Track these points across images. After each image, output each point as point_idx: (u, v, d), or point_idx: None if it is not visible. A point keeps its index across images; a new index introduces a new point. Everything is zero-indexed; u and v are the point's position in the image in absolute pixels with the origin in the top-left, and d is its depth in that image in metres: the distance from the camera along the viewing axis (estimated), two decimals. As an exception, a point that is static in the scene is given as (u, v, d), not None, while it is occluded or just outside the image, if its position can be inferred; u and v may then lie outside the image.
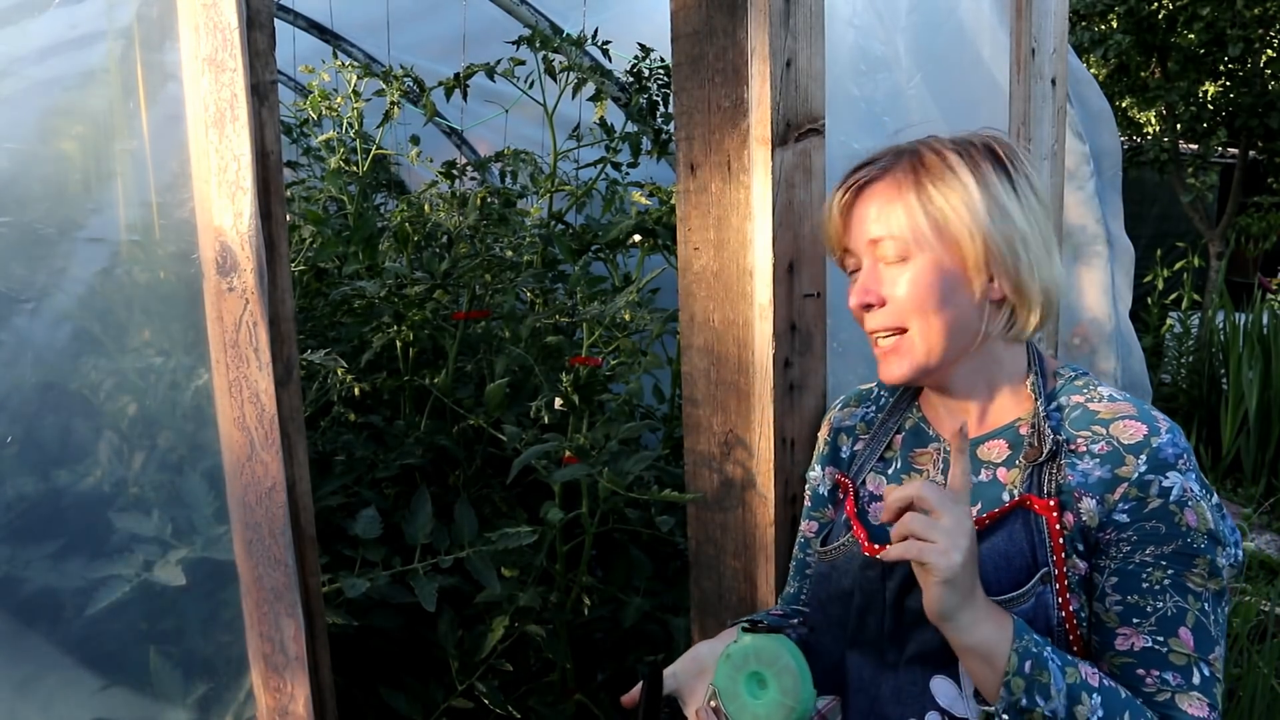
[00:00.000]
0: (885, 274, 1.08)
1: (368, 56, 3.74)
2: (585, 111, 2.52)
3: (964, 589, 0.95)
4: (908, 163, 1.07)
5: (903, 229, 1.05)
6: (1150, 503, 0.99)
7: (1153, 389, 3.12)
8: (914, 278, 1.06)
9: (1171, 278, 6.63)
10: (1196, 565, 0.99)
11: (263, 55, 1.17)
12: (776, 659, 1.06)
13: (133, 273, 1.28)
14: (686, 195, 1.55)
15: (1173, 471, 0.99)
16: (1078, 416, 1.06)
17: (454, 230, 2.30)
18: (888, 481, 1.16)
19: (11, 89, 1.25)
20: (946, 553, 0.93)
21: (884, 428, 1.20)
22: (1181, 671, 0.97)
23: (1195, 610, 0.98)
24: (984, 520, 1.04)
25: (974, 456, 1.10)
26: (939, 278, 1.05)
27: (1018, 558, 1.02)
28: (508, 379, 2.04)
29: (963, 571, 0.94)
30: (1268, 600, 3.16)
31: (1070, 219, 2.47)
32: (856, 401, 1.29)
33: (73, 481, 1.27)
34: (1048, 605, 1.01)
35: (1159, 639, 0.98)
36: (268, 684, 1.25)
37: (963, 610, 0.95)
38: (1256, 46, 6.14)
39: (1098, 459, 1.02)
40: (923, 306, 1.06)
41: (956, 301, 1.06)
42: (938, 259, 1.05)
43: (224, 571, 1.27)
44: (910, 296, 1.06)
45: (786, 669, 1.05)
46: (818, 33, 1.45)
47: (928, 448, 1.15)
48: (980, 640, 0.95)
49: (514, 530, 1.66)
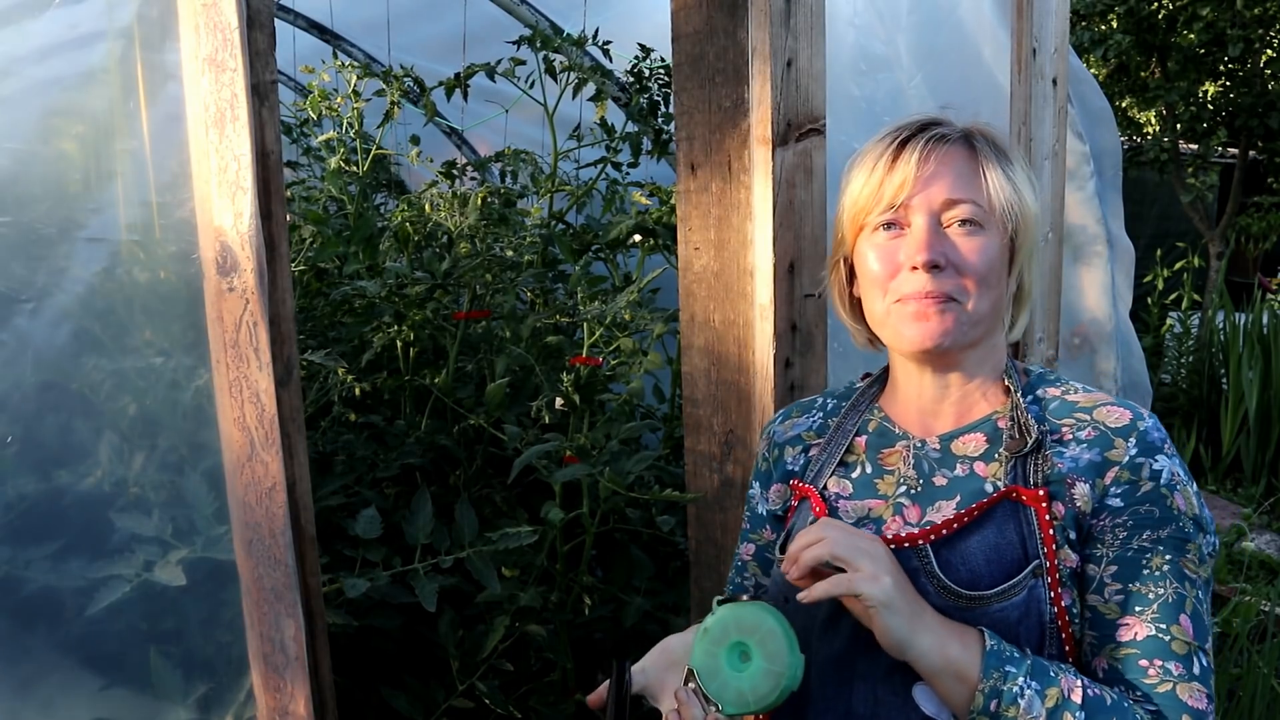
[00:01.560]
0: (955, 238, 1.04)
1: (368, 56, 3.74)
2: (585, 111, 2.52)
3: (907, 611, 0.94)
4: (980, 135, 1.07)
5: (986, 198, 1.04)
6: (1143, 485, 0.98)
7: (1153, 389, 3.12)
8: (986, 248, 1.03)
9: (1171, 278, 6.62)
10: (1189, 551, 0.98)
11: (263, 55, 1.17)
12: (759, 625, 0.98)
13: (133, 273, 1.28)
14: (687, 195, 1.55)
15: (1161, 455, 0.99)
16: (1057, 407, 1.05)
17: (454, 230, 2.30)
18: (854, 485, 1.12)
19: (11, 89, 1.25)
20: (876, 577, 0.93)
21: (841, 431, 1.16)
22: (1183, 661, 0.96)
23: (1191, 597, 0.97)
24: (972, 512, 1.02)
25: (949, 452, 1.08)
26: (1000, 255, 1.05)
27: (1008, 550, 1.00)
28: (508, 379, 2.04)
29: (898, 594, 0.93)
30: (1268, 600, 3.17)
31: (1070, 219, 2.47)
32: (799, 412, 1.24)
33: (73, 481, 1.27)
34: (1040, 599, 0.99)
35: (1161, 626, 0.96)
36: (268, 684, 1.25)
37: (918, 635, 0.94)
38: (1256, 46, 6.14)
39: (1085, 444, 1.01)
40: (987, 279, 1.04)
41: (1004, 284, 1.07)
42: (1001, 237, 1.05)
43: (224, 571, 1.27)
44: (980, 265, 1.03)
45: (771, 634, 0.97)
46: (818, 32, 1.45)
47: (895, 446, 1.12)
48: (949, 662, 0.94)
49: (514, 530, 1.66)
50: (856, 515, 1.10)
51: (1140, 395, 2.82)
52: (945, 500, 1.05)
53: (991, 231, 1.04)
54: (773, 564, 1.20)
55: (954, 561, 1.01)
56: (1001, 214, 1.04)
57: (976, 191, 1.04)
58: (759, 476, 1.24)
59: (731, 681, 0.98)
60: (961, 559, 1.00)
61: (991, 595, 0.99)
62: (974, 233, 1.04)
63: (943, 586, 1.00)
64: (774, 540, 1.21)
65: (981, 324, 1.05)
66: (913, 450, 1.11)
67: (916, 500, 1.07)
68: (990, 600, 0.99)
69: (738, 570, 1.26)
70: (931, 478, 1.08)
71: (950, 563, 1.01)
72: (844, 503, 1.12)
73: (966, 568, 1.00)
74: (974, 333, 1.05)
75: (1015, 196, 1.04)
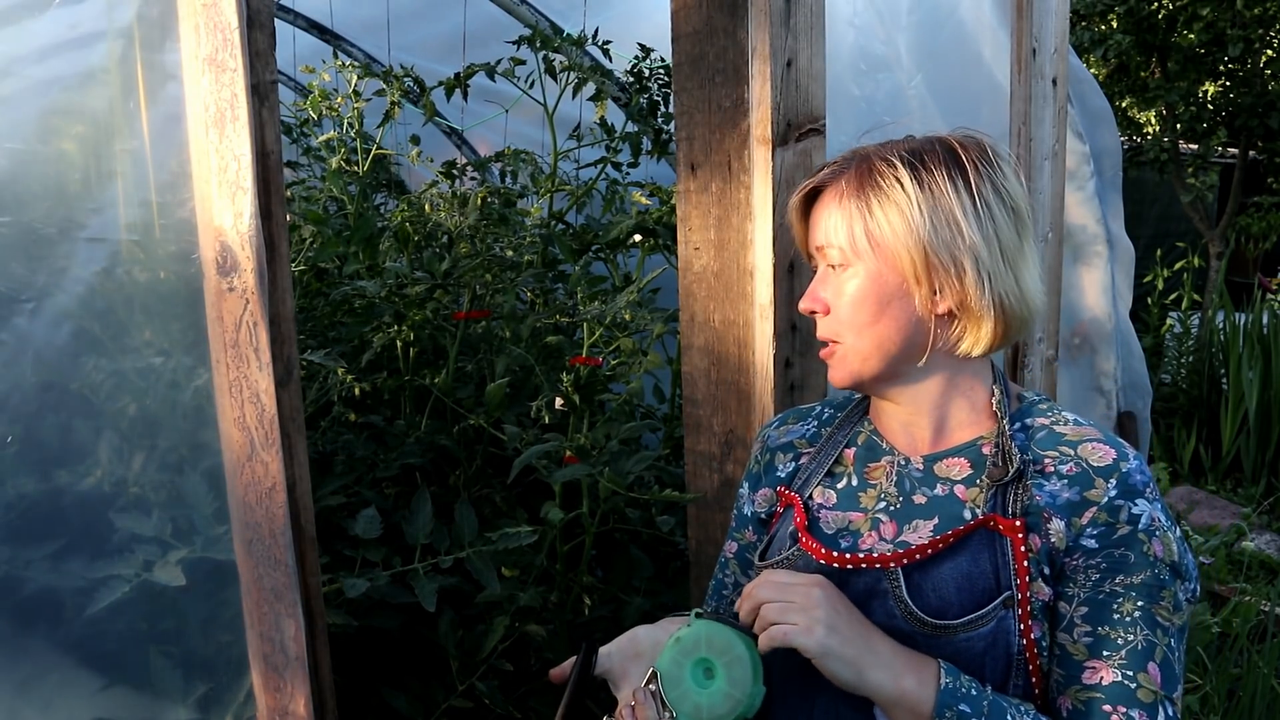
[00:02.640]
0: (832, 280, 1.07)
1: (368, 56, 3.74)
2: (585, 111, 2.52)
3: (851, 653, 0.95)
4: (855, 170, 1.05)
5: (840, 238, 1.04)
6: (1119, 529, 0.97)
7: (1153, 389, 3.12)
8: (851, 288, 1.05)
9: (1171, 278, 6.62)
10: (1163, 599, 0.97)
11: (263, 55, 1.17)
12: (729, 649, 1.01)
13: (133, 273, 1.28)
14: (687, 195, 1.55)
15: (1141, 499, 0.98)
16: (1044, 437, 1.04)
17: (454, 230, 2.30)
18: (837, 496, 1.12)
19: (11, 89, 1.25)
20: (809, 629, 0.94)
21: (831, 441, 1.17)
22: (1148, 710, 0.95)
23: (1163, 645, 0.96)
24: (948, 538, 1.01)
25: (931, 473, 1.08)
26: (876, 288, 1.03)
27: (980, 579, 0.99)
28: (508, 379, 2.04)
29: (836, 639, 0.94)
30: (1268, 600, 3.17)
31: (1070, 219, 2.47)
32: (796, 419, 1.24)
33: (73, 481, 1.27)
34: (1009, 630, 0.98)
35: (1128, 673, 0.95)
36: (268, 684, 1.25)
37: (869, 672, 0.95)
38: (1256, 46, 6.14)
39: (1065, 480, 1.00)
40: (855, 317, 1.05)
41: (895, 313, 1.04)
42: (875, 270, 1.03)
43: (224, 571, 1.27)
44: (845, 307, 1.05)
45: (738, 660, 1.00)
46: (818, 32, 1.45)
47: (880, 461, 1.12)
48: (903, 694, 0.94)
49: (514, 530, 1.66)
50: (837, 526, 1.10)
51: (1140, 395, 2.82)
52: (923, 520, 1.05)
53: (859, 266, 1.04)
54: (752, 565, 1.22)
55: (925, 587, 1.00)
56: (867, 246, 1.03)
57: (834, 232, 1.05)
58: (749, 478, 1.25)
59: (691, 695, 1.01)
60: (933, 585, 1.00)
61: (958, 625, 0.98)
62: (840, 274, 1.06)
63: (909, 613, 0.99)
64: (755, 542, 1.21)
65: (871, 358, 1.05)
66: (896, 467, 1.10)
67: (894, 517, 1.07)
68: (956, 630, 0.98)
69: (721, 566, 1.27)
70: (912, 495, 1.07)
71: (921, 588, 1.00)
72: (826, 513, 1.12)
73: (937, 594, 1.00)
74: (868, 367, 1.06)
75: (879, 225, 1.02)
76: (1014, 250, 1.03)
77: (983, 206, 1.01)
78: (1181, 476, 4.95)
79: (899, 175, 1.02)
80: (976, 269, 1.01)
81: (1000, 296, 1.02)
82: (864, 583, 1.03)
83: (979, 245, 1.01)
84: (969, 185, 1.01)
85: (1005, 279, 1.02)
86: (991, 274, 1.01)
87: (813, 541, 1.08)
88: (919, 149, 1.04)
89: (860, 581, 1.03)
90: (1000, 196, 1.02)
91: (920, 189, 1.01)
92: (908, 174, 1.02)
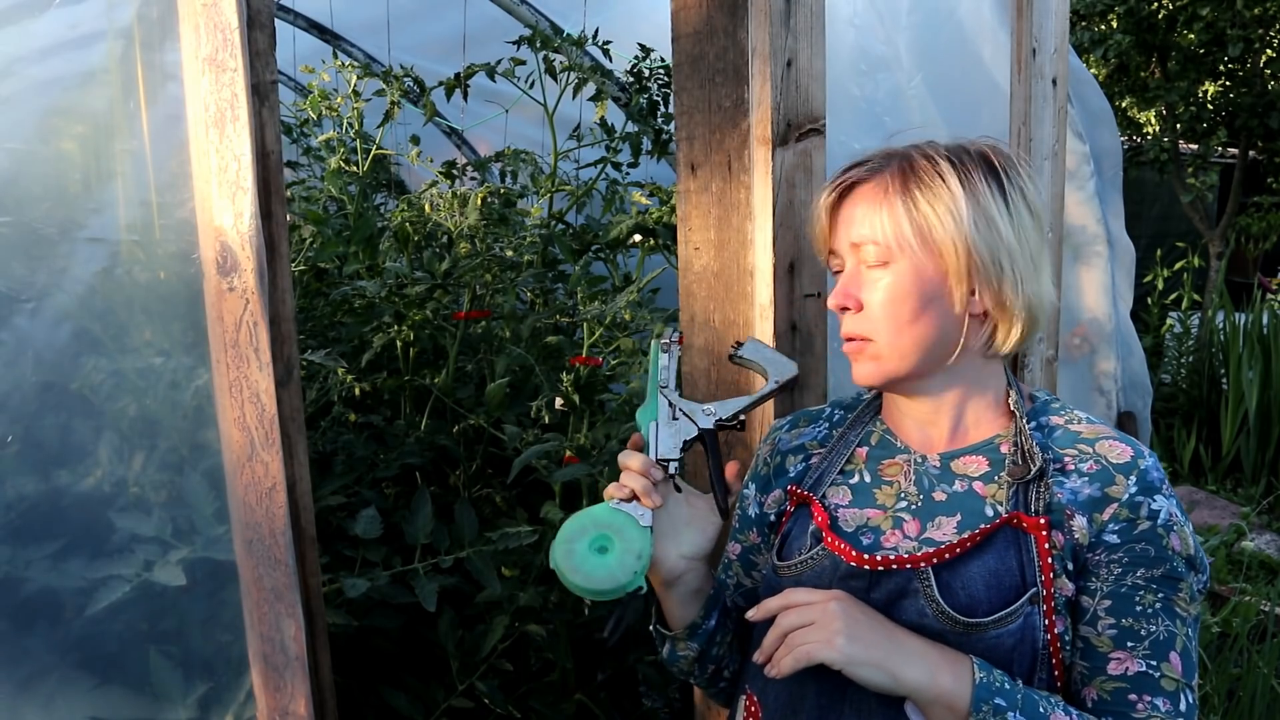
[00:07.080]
0: (866, 277, 1.07)
1: (368, 56, 3.74)
2: (585, 111, 2.52)
3: (877, 657, 0.95)
4: (897, 166, 1.05)
5: (886, 233, 1.04)
6: (1140, 524, 0.99)
7: (1153, 389, 3.12)
8: (892, 284, 1.04)
9: (1171, 278, 6.63)
10: (1181, 590, 0.99)
11: (263, 55, 1.17)
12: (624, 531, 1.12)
13: (133, 273, 1.28)
14: (687, 195, 1.55)
15: (1159, 495, 1.00)
16: (1061, 436, 1.05)
17: (454, 230, 2.30)
18: (852, 493, 1.13)
19: (11, 89, 1.25)
20: (828, 642, 0.95)
21: (844, 441, 1.17)
22: (1170, 698, 0.97)
23: (1182, 635, 0.99)
24: (975, 537, 1.02)
25: (949, 469, 1.09)
26: (918, 286, 1.04)
27: (1007, 576, 1.01)
28: (508, 379, 2.04)
29: (855, 646, 0.95)
30: (1268, 600, 3.17)
31: (1070, 219, 2.47)
32: (806, 421, 1.25)
33: (73, 481, 1.28)
34: (1035, 626, 1.00)
35: (1151, 663, 0.98)
36: (268, 684, 1.25)
37: (903, 670, 0.95)
38: (1256, 46, 6.14)
39: (1086, 477, 1.01)
40: (895, 315, 1.04)
41: (934, 312, 1.04)
42: (919, 266, 1.03)
43: (224, 571, 1.27)
44: (883, 304, 1.05)
45: (630, 549, 1.11)
46: (818, 32, 1.45)
47: (895, 459, 1.12)
48: (941, 692, 0.95)
49: (514, 530, 1.66)
50: (856, 524, 1.10)
51: (1140, 395, 2.82)
52: (945, 516, 1.06)
53: (903, 263, 1.04)
54: (755, 566, 1.23)
55: (954, 585, 1.01)
56: (915, 242, 1.03)
57: (877, 228, 1.04)
58: (756, 479, 1.24)
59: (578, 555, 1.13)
60: (962, 583, 1.01)
61: (989, 623, 0.99)
62: (879, 271, 1.05)
63: (941, 611, 1.00)
64: (759, 543, 1.22)
65: (909, 356, 1.05)
66: (913, 465, 1.11)
67: (916, 514, 1.07)
68: (987, 627, 0.99)
69: (724, 568, 1.27)
70: (932, 492, 1.08)
71: (950, 586, 1.01)
72: (843, 511, 1.12)
73: (966, 592, 1.00)
74: (904, 365, 1.06)
75: (927, 220, 1.02)
76: (1038, 253, 1.05)
77: (1015, 211, 1.03)
78: (1181, 476, 4.95)
79: (945, 172, 1.03)
80: (1013, 270, 1.03)
81: (1030, 298, 1.04)
82: (894, 583, 1.03)
83: (1014, 247, 1.03)
84: (1002, 189, 1.03)
85: (1033, 281, 1.05)
86: (1024, 276, 1.04)
87: (840, 542, 1.08)
88: (956, 150, 1.06)
89: (891, 582, 1.03)
90: (1026, 201, 1.05)
91: (963, 188, 1.02)
92: (954, 172, 1.03)
